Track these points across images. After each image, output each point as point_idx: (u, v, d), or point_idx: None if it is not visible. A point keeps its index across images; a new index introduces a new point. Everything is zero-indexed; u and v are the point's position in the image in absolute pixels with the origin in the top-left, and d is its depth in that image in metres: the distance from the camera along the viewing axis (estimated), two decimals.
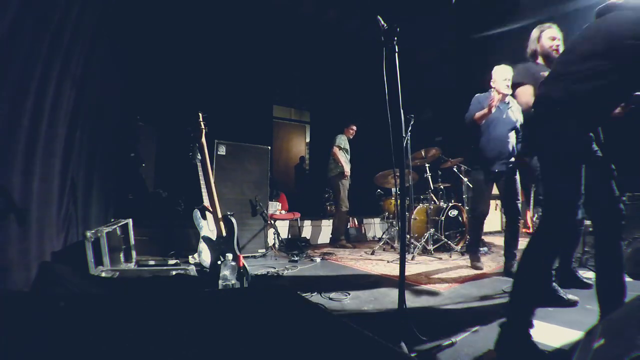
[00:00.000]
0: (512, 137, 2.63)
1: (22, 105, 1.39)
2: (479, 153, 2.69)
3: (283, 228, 4.38)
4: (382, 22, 1.39)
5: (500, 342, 1.17)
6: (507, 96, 2.61)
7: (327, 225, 4.87)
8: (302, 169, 7.98)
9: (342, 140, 4.36)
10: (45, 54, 1.53)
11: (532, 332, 1.16)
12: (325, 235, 4.82)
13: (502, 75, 2.55)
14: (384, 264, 3.07)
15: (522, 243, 2.80)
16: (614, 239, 1.28)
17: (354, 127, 4.53)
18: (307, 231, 4.66)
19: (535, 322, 1.19)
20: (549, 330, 1.39)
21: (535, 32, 2.15)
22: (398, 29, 1.34)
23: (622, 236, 1.31)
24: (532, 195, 4.61)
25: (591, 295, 1.40)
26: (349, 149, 4.49)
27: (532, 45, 2.11)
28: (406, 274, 1.27)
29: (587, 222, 2.09)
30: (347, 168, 4.26)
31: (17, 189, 1.36)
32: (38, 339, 0.80)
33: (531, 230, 4.61)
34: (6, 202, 1.29)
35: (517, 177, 2.56)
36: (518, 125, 2.63)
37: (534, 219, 4.54)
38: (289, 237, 4.47)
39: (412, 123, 3.53)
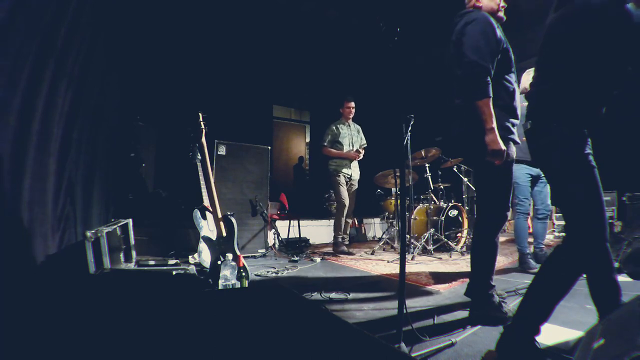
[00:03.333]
0: None
1: (10, 104, 1.38)
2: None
3: (283, 228, 4.38)
4: (382, 22, 1.39)
5: (502, 343, 1.17)
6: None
7: (327, 225, 4.86)
8: (300, 168, 7.98)
9: (329, 134, 3.83)
10: (36, 54, 1.52)
11: (537, 338, 1.14)
12: (325, 235, 4.82)
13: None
14: (384, 264, 3.07)
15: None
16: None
17: (351, 104, 3.85)
18: (307, 231, 4.66)
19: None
20: (549, 330, 1.39)
21: (524, 77, 2.64)
22: (398, 29, 1.34)
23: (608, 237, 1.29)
24: None
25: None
26: (347, 135, 3.85)
27: (523, 85, 2.60)
28: (406, 274, 1.26)
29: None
30: (348, 153, 3.72)
31: (4, 188, 1.35)
32: (36, 339, 0.80)
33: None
34: None
35: None
36: None
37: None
38: (289, 237, 4.48)
39: (412, 123, 3.53)
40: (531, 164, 2.67)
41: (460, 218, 3.91)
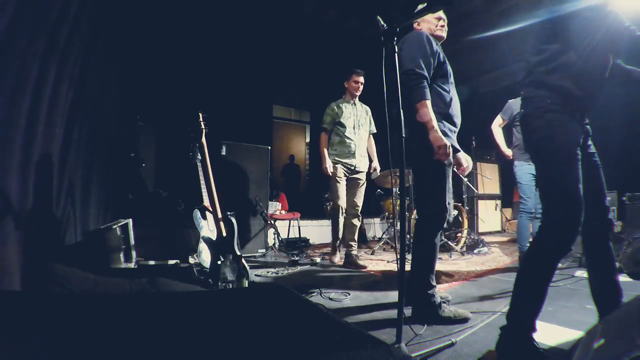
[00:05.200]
0: None
1: (20, 105, 1.39)
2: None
3: (283, 228, 4.38)
4: (382, 22, 1.39)
5: (501, 344, 1.17)
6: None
7: (327, 225, 4.86)
8: (292, 167, 7.97)
9: (328, 114, 3.10)
10: (42, 54, 1.53)
11: (534, 335, 1.14)
12: (325, 235, 4.82)
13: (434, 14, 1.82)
14: (384, 264, 3.07)
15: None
16: (604, 238, 1.27)
17: (360, 79, 3.08)
18: (307, 231, 4.66)
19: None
20: (549, 330, 1.39)
21: None
22: (398, 29, 1.34)
23: (610, 235, 1.29)
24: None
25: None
26: (352, 115, 3.09)
27: None
28: (406, 274, 1.26)
29: None
30: (325, 161, 2.99)
31: (14, 188, 1.36)
32: (34, 339, 0.80)
33: None
34: (3, 202, 1.29)
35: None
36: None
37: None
38: (289, 237, 4.48)
39: None
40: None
41: (460, 218, 3.91)
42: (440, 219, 1.61)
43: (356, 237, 3.12)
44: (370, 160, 3.30)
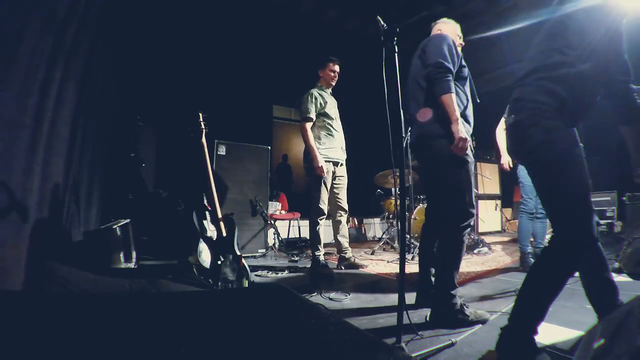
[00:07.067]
0: None
1: (26, 104, 1.39)
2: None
3: (283, 228, 4.38)
4: (382, 22, 1.39)
5: (501, 344, 1.17)
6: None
7: (327, 225, 4.86)
8: (285, 167, 7.97)
9: (312, 102, 2.71)
10: (50, 54, 1.53)
11: (535, 337, 1.13)
12: (325, 235, 4.81)
13: (455, 30, 1.91)
14: (384, 264, 3.07)
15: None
16: None
17: (335, 67, 2.84)
18: (307, 231, 4.66)
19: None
20: (549, 330, 1.39)
21: None
22: (398, 29, 1.35)
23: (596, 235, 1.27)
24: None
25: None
26: (334, 106, 2.86)
27: None
28: (406, 274, 1.27)
29: None
30: (318, 159, 2.61)
31: (17, 187, 1.36)
32: (34, 339, 0.80)
33: None
34: (6, 200, 1.29)
35: None
36: None
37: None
38: (289, 237, 4.47)
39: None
40: None
41: None
42: (468, 215, 1.60)
43: (347, 235, 2.96)
44: None
